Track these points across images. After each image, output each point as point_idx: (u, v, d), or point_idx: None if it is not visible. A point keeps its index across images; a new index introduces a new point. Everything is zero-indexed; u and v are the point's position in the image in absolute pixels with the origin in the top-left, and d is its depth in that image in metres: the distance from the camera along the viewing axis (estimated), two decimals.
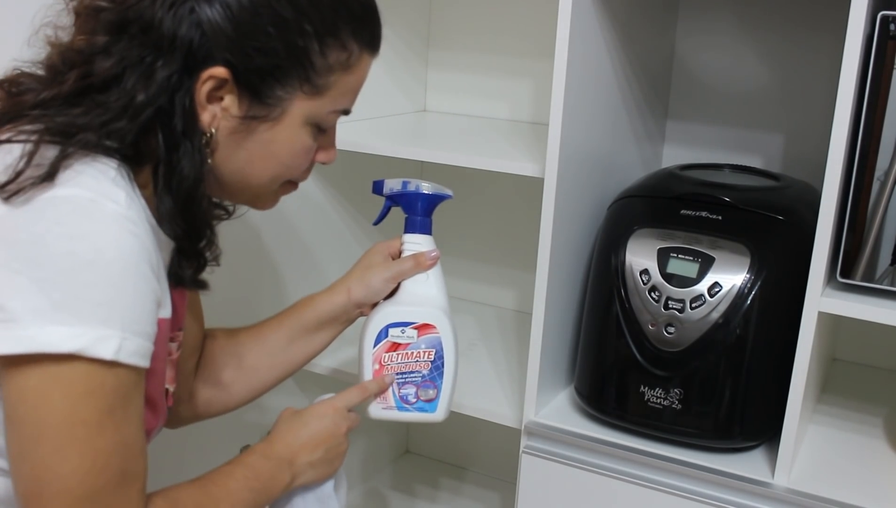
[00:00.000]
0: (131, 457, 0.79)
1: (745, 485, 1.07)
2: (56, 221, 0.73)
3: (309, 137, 0.90)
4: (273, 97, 0.85)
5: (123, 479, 0.78)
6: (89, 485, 0.75)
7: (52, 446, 0.74)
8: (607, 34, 1.20)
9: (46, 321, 0.72)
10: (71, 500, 0.75)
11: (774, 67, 1.44)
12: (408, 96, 1.70)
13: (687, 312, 1.10)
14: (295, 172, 0.93)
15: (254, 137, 0.87)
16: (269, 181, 0.92)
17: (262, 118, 0.86)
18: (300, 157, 0.91)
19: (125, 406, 0.78)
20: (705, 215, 1.14)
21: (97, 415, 0.75)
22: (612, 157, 1.32)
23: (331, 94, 0.88)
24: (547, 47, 1.16)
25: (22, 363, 0.73)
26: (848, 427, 1.24)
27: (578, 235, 1.24)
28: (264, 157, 0.89)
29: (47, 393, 0.74)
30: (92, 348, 0.73)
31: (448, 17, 1.70)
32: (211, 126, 0.84)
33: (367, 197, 1.63)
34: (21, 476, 0.76)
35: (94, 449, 0.75)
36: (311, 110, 0.88)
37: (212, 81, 0.82)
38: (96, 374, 0.75)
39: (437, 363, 1.08)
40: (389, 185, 1.10)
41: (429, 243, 1.10)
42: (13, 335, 0.72)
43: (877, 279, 1.02)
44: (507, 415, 1.25)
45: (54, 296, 0.72)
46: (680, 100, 1.51)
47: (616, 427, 1.18)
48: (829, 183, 0.99)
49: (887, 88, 0.97)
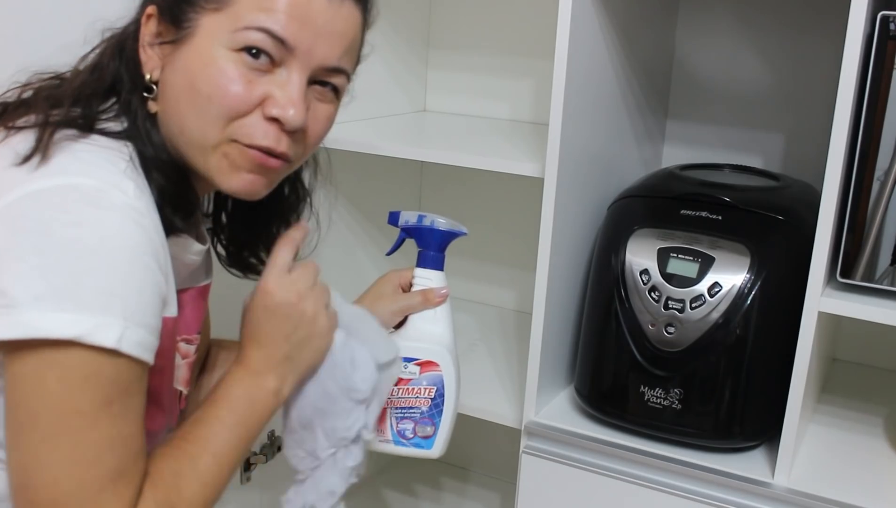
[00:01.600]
0: (127, 456, 0.76)
1: (745, 485, 1.07)
2: (62, 208, 0.73)
3: (230, 63, 0.83)
4: (186, 19, 0.84)
5: (117, 477, 0.75)
6: (78, 478, 0.73)
7: (44, 434, 0.73)
8: (607, 34, 1.20)
9: (47, 307, 0.71)
10: (58, 492, 0.73)
11: (774, 68, 1.44)
12: (408, 96, 1.70)
13: (687, 312, 1.10)
14: (222, 109, 0.83)
15: (174, 69, 0.85)
16: (201, 123, 0.83)
17: (173, 42, 0.85)
18: (220, 85, 0.82)
19: (124, 401, 0.76)
20: (705, 215, 1.14)
21: (93, 405, 0.74)
22: (612, 157, 1.32)
23: (237, 7, 0.83)
24: (547, 47, 1.16)
25: (21, 349, 0.72)
26: (848, 427, 1.24)
27: (578, 235, 1.24)
28: (186, 88, 0.84)
29: (43, 379, 0.72)
30: (92, 334, 0.72)
31: (448, 17, 1.70)
32: (151, 70, 0.86)
33: (368, 197, 1.63)
34: (12, 465, 0.75)
35: (86, 441, 0.74)
36: (219, 28, 0.83)
37: (152, 23, 0.86)
38: (95, 362, 0.73)
39: (437, 401, 1.07)
40: (405, 217, 1.08)
41: (440, 280, 1.08)
42: (13, 321, 0.71)
43: (877, 279, 1.02)
44: (507, 415, 1.25)
45: (55, 282, 0.72)
46: (680, 100, 1.51)
47: (616, 427, 1.18)
48: (829, 183, 0.99)
49: (887, 88, 0.97)
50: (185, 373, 0.98)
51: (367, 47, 0.95)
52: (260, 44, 0.82)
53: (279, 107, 0.84)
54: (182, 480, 0.82)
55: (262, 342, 0.91)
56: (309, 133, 0.89)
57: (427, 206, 1.79)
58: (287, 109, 0.84)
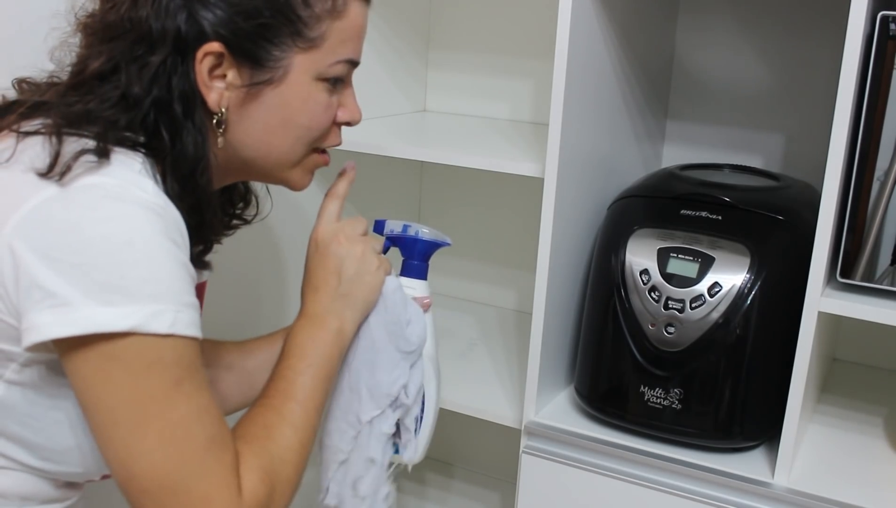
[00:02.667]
0: (213, 422, 0.79)
1: (745, 485, 1.07)
2: (89, 206, 0.75)
3: (323, 93, 0.90)
4: (271, 59, 0.86)
5: (211, 444, 0.78)
6: (176, 457, 0.76)
7: (128, 426, 0.75)
8: (607, 34, 1.20)
9: (98, 302, 0.73)
10: (162, 475, 0.75)
11: (774, 67, 1.44)
12: (408, 96, 1.70)
13: (687, 312, 1.10)
14: (316, 133, 0.92)
15: (265, 105, 0.88)
16: (291, 148, 0.91)
17: (266, 82, 0.86)
18: (318, 116, 0.91)
19: (192, 377, 0.78)
20: (705, 215, 1.14)
21: (164, 388, 0.76)
22: (612, 157, 1.32)
23: (328, 44, 0.88)
24: (547, 47, 1.16)
25: (80, 348, 0.74)
26: (848, 427, 1.24)
27: (578, 235, 1.24)
28: (281, 122, 0.89)
29: (109, 375, 0.74)
30: (147, 323, 0.74)
31: (448, 17, 1.70)
32: (220, 105, 0.86)
33: (368, 197, 1.63)
34: (110, 462, 0.77)
35: (171, 421, 0.76)
36: (314, 64, 0.88)
37: (209, 59, 0.84)
38: (154, 348, 0.75)
39: None
40: (390, 226, 1.10)
41: (423, 289, 1.09)
42: (68, 319, 0.72)
43: (877, 279, 1.02)
44: (507, 415, 1.25)
45: (98, 278, 0.73)
46: (680, 100, 1.51)
47: (616, 427, 1.18)
48: (829, 183, 0.99)
49: (887, 87, 0.97)
50: None
51: (367, 46, 0.97)
52: (347, 72, 0.92)
53: (350, 116, 0.95)
54: (273, 430, 0.86)
55: (316, 287, 0.97)
56: None
57: (427, 206, 1.79)
58: (356, 116, 0.96)
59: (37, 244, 0.73)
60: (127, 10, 0.83)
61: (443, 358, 1.46)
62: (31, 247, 0.73)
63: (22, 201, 0.75)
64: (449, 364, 1.43)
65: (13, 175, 0.77)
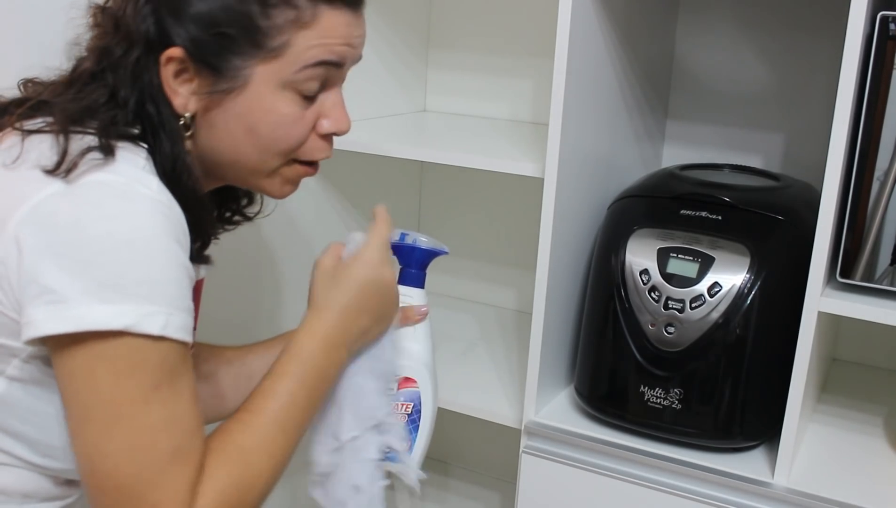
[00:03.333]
0: (182, 434, 0.79)
1: (745, 485, 1.07)
2: (93, 203, 0.75)
3: (290, 104, 0.88)
4: (231, 68, 0.85)
5: (175, 456, 0.78)
6: (138, 463, 0.76)
7: (100, 425, 0.76)
8: (607, 34, 1.20)
9: (93, 299, 0.73)
10: (121, 478, 0.76)
11: (774, 67, 1.44)
12: (408, 96, 1.70)
13: (687, 312, 1.10)
14: (285, 144, 0.89)
15: (228, 113, 0.87)
16: (261, 158, 0.89)
17: (226, 91, 0.86)
18: (282, 127, 0.88)
19: (172, 382, 0.78)
20: (705, 215, 1.14)
21: (142, 391, 0.76)
22: (612, 157, 1.32)
23: (291, 53, 0.86)
24: (547, 47, 1.16)
25: (71, 343, 0.75)
26: (848, 427, 1.24)
27: (578, 235, 1.24)
28: (245, 132, 0.87)
29: (92, 371, 0.75)
30: (140, 324, 0.74)
31: (448, 17, 1.70)
32: (186, 109, 0.86)
33: (368, 197, 1.63)
34: (77, 454, 0.78)
35: (140, 426, 0.76)
36: (276, 74, 0.86)
37: (173, 64, 0.84)
38: (142, 350, 0.75)
39: (413, 417, 1.07)
40: None
41: (420, 297, 1.09)
42: (62, 315, 0.73)
43: (876, 279, 1.02)
44: (507, 415, 1.25)
45: (98, 276, 0.74)
46: (680, 100, 1.51)
47: (616, 427, 1.18)
48: (828, 183, 0.99)
49: (887, 88, 0.97)
50: None
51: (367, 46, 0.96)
52: (320, 77, 0.88)
53: (335, 127, 0.92)
54: (249, 455, 0.84)
55: (348, 314, 0.94)
56: None
57: (427, 206, 1.79)
58: (342, 126, 0.92)
59: (41, 238, 0.74)
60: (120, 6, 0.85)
61: (443, 358, 1.46)
62: (36, 240, 0.74)
63: (28, 197, 0.76)
64: (449, 364, 1.43)
65: (20, 173, 0.78)
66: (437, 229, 1.78)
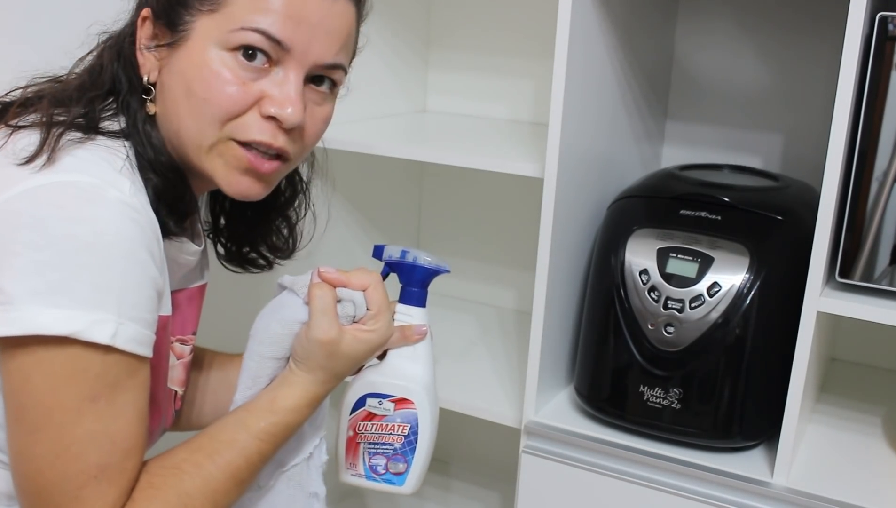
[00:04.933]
0: (112, 453, 0.76)
1: (745, 485, 1.07)
2: (58, 204, 0.73)
3: (222, 66, 0.82)
4: (181, 23, 0.84)
5: (101, 474, 0.75)
6: (60, 471, 0.74)
7: (29, 427, 0.74)
8: (607, 34, 1.21)
9: (42, 303, 0.72)
10: (42, 483, 0.74)
11: (774, 68, 1.44)
12: (408, 96, 1.70)
13: (686, 312, 1.10)
14: (218, 110, 0.83)
15: (173, 72, 0.85)
16: (198, 126, 0.84)
17: (168, 45, 0.85)
18: (215, 87, 0.82)
19: (112, 396, 0.76)
20: (704, 215, 1.15)
21: (77, 401, 0.74)
22: (612, 157, 1.32)
23: (232, 8, 0.82)
24: (547, 47, 1.16)
25: (16, 345, 0.73)
26: (847, 427, 1.24)
27: (578, 235, 1.25)
28: (183, 93, 0.84)
29: (29, 375, 0.73)
30: (87, 331, 0.72)
31: (448, 17, 1.70)
32: (149, 72, 0.86)
33: (368, 197, 1.63)
34: (9, 452, 0.77)
35: (69, 436, 0.74)
36: (214, 29, 0.82)
37: (147, 26, 0.86)
38: (84, 358, 0.73)
39: (410, 439, 1.05)
40: (389, 251, 1.06)
41: (421, 317, 1.05)
42: (9, 317, 0.72)
43: (875, 279, 1.02)
44: (507, 415, 1.26)
45: (51, 278, 0.72)
46: (680, 100, 1.51)
47: (616, 427, 1.18)
48: (828, 183, 0.99)
49: (886, 88, 0.97)
50: (181, 373, 0.98)
51: (364, 41, 0.95)
52: (256, 44, 0.82)
53: (277, 105, 0.83)
54: (192, 502, 0.81)
55: (336, 373, 0.92)
56: (307, 131, 0.89)
57: (427, 206, 1.79)
58: (285, 107, 0.84)
59: (2, 237, 0.73)
60: None
61: (443, 358, 1.46)
62: None
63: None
64: (449, 364, 1.43)
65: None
66: (437, 230, 1.78)
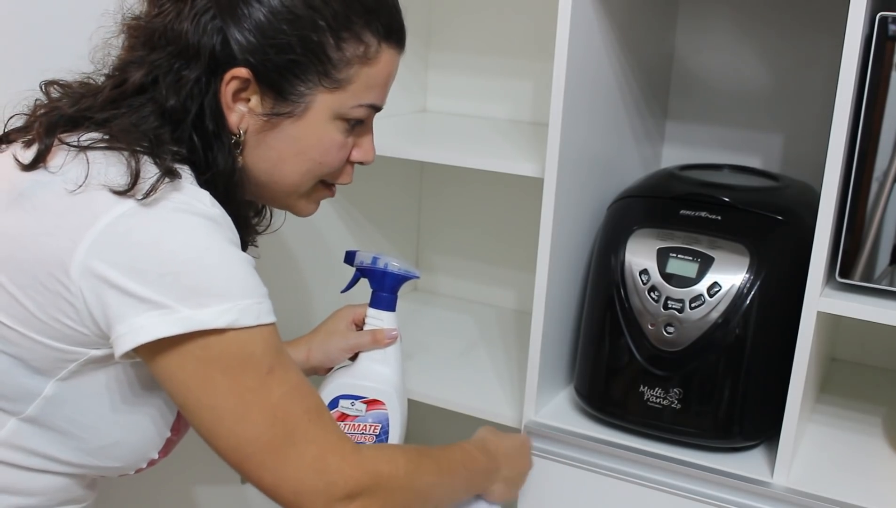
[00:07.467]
0: (305, 397, 0.84)
1: (745, 485, 1.07)
2: (163, 219, 0.78)
3: (338, 133, 0.93)
4: (295, 93, 0.88)
5: (310, 415, 0.83)
6: (281, 433, 0.81)
7: (232, 419, 0.80)
8: (607, 34, 1.21)
9: (192, 305, 0.77)
10: (272, 450, 0.81)
11: (774, 67, 1.44)
12: (408, 96, 1.70)
13: (686, 312, 1.10)
14: (327, 168, 0.95)
15: (281, 135, 0.90)
16: (301, 179, 0.94)
17: (286, 115, 0.89)
18: (331, 153, 0.93)
19: (280, 361, 0.83)
20: (704, 215, 1.15)
21: (259, 379, 0.81)
22: (612, 157, 1.32)
23: (353, 87, 0.91)
24: (547, 47, 1.16)
25: (174, 353, 0.78)
26: (847, 427, 1.24)
27: (578, 235, 1.25)
28: (294, 153, 0.91)
29: (208, 377, 0.79)
30: (240, 319, 0.78)
31: (448, 18, 1.70)
32: (239, 126, 0.88)
33: (367, 197, 1.63)
34: (221, 451, 0.82)
35: (270, 405, 0.81)
36: (335, 104, 0.90)
37: (235, 82, 0.86)
38: (246, 343, 0.80)
39: (381, 438, 1.10)
40: (360, 257, 1.13)
41: (391, 321, 1.12)
42: (170, 319, 0.76)
43: (876, 279, 1.02)
44: (507, 415, 1.26)
45: (189, 283, 0.77)
46: (680, 100, 1.51)
47: (616, 427, 1.18)
48: (828, 183, 0.99)
49: (886, 88, 0.97)
50: None
51: None
52: (366, 116, 0.95)
53: (364, 156, 0.98)
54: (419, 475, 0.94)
55: (507, 450, 1.12)
56: None
57: (427, 206, 1.79)
58: (370, 157, 0.99)
59: (119, 260, 0.76)
60: (172, 20, 0.85)
61: (443, 358, 1.46)
62: (114, 263, 0.76)
63: (97, 217, 0.77)
64: (449, 364, 1.43)
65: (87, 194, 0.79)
66: (437, 230, 1.78)
